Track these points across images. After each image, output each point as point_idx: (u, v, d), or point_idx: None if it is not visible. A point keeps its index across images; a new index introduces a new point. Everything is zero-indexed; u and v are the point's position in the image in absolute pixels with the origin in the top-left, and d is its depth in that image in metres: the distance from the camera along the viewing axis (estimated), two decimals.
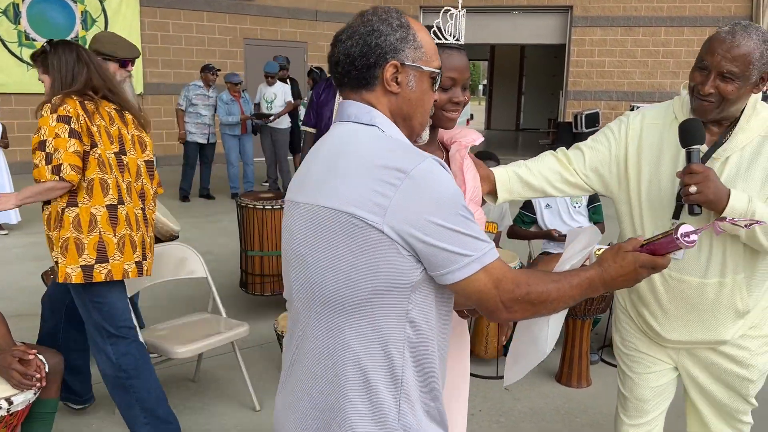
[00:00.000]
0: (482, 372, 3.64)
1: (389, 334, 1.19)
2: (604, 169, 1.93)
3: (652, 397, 2.03)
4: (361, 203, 1.14)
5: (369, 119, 1.25)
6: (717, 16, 12.79)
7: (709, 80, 1.67)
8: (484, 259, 1.17)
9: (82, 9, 10.49)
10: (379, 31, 1.24)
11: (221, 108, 8.36)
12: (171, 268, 3.28)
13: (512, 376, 1.58)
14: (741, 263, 1.81)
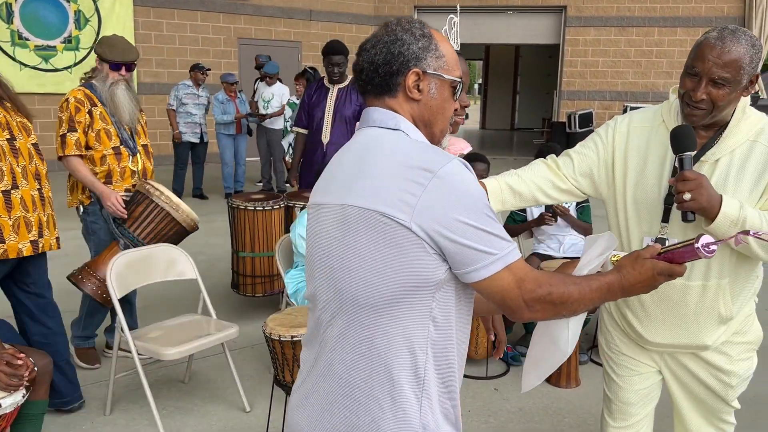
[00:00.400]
0: (472, 372, 3.65)
1: (414, 333, 1.22)
2: (594, 173, 1.95)
3: (637, 400, 2.05)
4: (389, 202, 1.17)
5: (394, 124, 1.29)
6: (710, 16, 12.84)
7: (701, 86, 1.68)
8: (508, 258, 1.20)
9: (75, 8, 10.47)
10: (402, 40, 1.29)
11: (217, 107, 8.37)
12: (161, 269, 3.28)
13: (532, 381, 1.58)
14: (726, 267, 1.82)
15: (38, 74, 10.29)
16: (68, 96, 3.41)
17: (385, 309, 1.21)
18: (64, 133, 3.38)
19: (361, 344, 1.24)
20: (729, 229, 1.67)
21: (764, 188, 1.75)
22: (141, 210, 3.41)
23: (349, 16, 13.53)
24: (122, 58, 3.45)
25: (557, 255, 4.03)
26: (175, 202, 3.44)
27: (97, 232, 3.51)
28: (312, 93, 4.51)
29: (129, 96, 3.51)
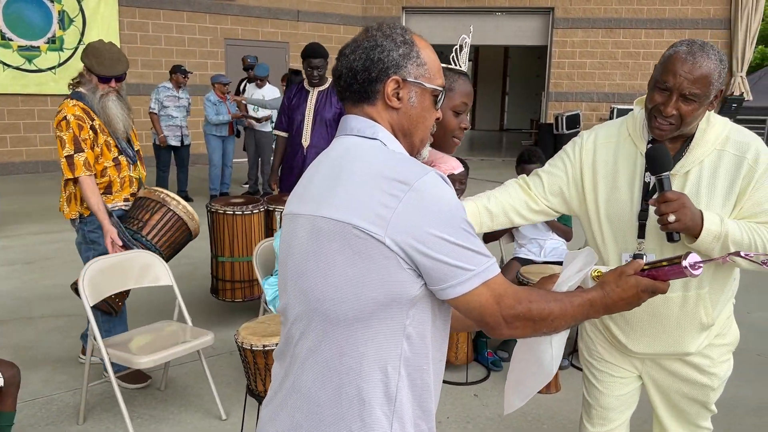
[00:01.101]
0: (452, 378, 3.63)
1: (386, 351, 1.18)
2: (565, 192, 1.95)
3: (617, 405, 2.05)
4: (363, 214, 1.13)
5: (372, 133, 1.25)
6: (696, 18, 12.90)
7: (672, 101, 1.66)
8: (486, 274, 1.16)
9: (59, 9, 10.36)
10: (382, 46, 1.25)
11: (210, 108, 8.31)
12: (135, 275, 3.22)
13: (515, 403, 1.53)
14: (705, 278, 1.82)
15: (21, 75, 10.18)
16: (66, 114, 3.23)
17: (357, 325, 1.17)
18: (70, 155, 3.22)
19: (330, 361, 1.20)
20: (712, 244, 1.67)
21: (737, 197, 1.74)
22: (158, 218, 3.39)
23: (336, 17, 13.49)
24: (110, 73, 3.29)
25: (538, 259, 4.01)
26: (190, 212, 3.50)
27: (96, 241, 3.37)
28: (292, 96, 4.47)
29: (121, 106, 3.38)
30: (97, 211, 3.25)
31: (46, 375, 3.54)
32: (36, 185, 9.52)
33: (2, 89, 9.98)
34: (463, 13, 13.85)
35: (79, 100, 3.31)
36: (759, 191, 1.72)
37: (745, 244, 1.68)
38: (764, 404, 3.44)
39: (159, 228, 3.38)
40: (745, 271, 1.84)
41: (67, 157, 3.23)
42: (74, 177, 3.23)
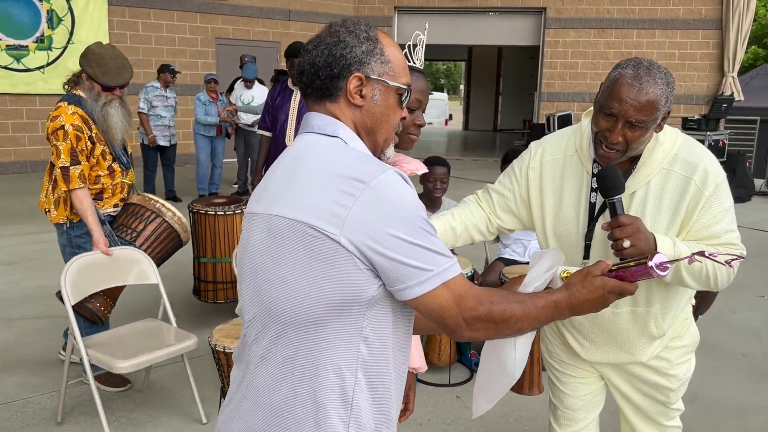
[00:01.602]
0: (434, 379, 3.61)
1: (342, 353, 1.16)
2: (514, 209, 1.93)
3: (581, 405, 2.04)
4: (318, 213, 1.10)
5: (332, 131, 1.22)
6: (688, 18, 12.92)
7: (617, 128, 1.60)
8: (445, 275, 1.14)
9: (47, 7, 10.30)
10: (345, 42, 1.22)
11: (199, 108, 8.28)
12: (121, 272, 3.16)
13: (482, 406, 1.51)
14: (655, 296, 1.80)
15: (10, 74, 10.11)
16: (63, 123, 3.09)
17: (312, 327, 1.15)
18: (66, 167, 3.10)
19: (284, 363, 1.17)
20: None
21: (683, 219, 1.70)
22: (153, 229, 3.34)
23: (328, 17, 13.45)
24: (116, 83, 3.17)
25: (522, 259, 3.99)
26: (184, 224, 3.44)
27: (82, 246, 3.29)
28: (276, 95, 4.44)
29: (122, 113, 3.26)
30: (91, 224, 3.15)
31: (22, 378, 3.50)
32: (24, 185, 9.45)
33: None
34: (455, 13, 13.84)
35: (77, 105, 3.16)
36: (707, 214, 1.68)
37: (697, 269, 1.65)
38: (747, 406, 3.43)
39: (153, 239, 3.33)
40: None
41: (62, 169, 3.11)
42: (68, 189, 3.13)
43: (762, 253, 6.66)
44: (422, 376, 3.65)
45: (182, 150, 11.05)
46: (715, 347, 4.19)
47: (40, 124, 10.62)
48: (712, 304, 3.91)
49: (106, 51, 3.17)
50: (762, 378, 3.76)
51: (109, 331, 3.18)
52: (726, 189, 1.71)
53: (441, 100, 26.77)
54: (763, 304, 5.08)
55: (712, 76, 13.04)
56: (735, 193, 9.60)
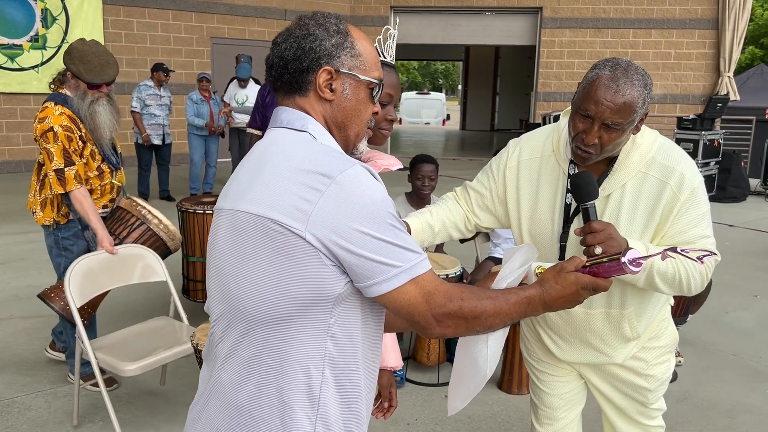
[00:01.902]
0: (423, 379, 3.58)
1: (308, 351, 1.14)
2: (491, 207, 1.92)
3: (561, 404, 2.03)
4: (283, 208, 1.08)
5: (301, 125, 1.20)
6: (684, 18, 12.91)
7: (593, 130, 1.58)
8: (414, 271, 1.11)
9: (42, 6, 10.27)
10: (314, 35, 1.20)
11: (189, 108, 8.25)
12: (126, 272, 3.06)
13: (456, 404, 1.48)
14: (629, 298, 1.78)
15: (4, 73, 10.08)
16: (52, 124, 3.00)
17: (278, 324, 1.12)
18: (60, 168, 3.01)
19: (249, 362, 1.15)
20: (638, 274, 1.61)
21: (657, 224, 1.68)
22: (136, 236, 3.21)
23: None
24: (100, 80, 3.07)
25: None
26: (172, 231, 3.29)
27: (69, 249, 3.23)
28: (266, 94, 4.42)
29: (111, 111, 3.16)
30: (95, 224, 3.07)
31: (9, 377, 3.47)
32: (17, 185, 9.41)
33: None
34: (452, 13, 13.83)
35: (64, 105, 3.08)
36: (682, 219, 1.66)
37: (670, 275, 1.63)
38: (738, 405, 3.41)
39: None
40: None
41: (56, 171, 3.01)
42: (65, 192, 3.04)
43: (756, 252, 6.65)
44: (411, 375, 3.63)
45: (177, 150, 11.04)
46: (707, 347, 4.18)
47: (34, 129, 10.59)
48: (703, 303, 3.90)
49: (90, 48, 3.10)
50: (753, 378, 3.74)
51: (119, 332, 3.08)
52: (702, 194, 1.68)
53: (438, 100, 26.76)
54: (756, 303, 5.07)
55: (708, 75, 13.03)
56: (730, 193, 9.60)
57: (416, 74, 52.05)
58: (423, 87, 50.19)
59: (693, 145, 9.23)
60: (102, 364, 2.78)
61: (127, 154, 11.00)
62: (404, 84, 50.28)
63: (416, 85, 50.78)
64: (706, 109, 9.23)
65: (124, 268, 3.07)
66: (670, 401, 3.40)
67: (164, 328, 3.12)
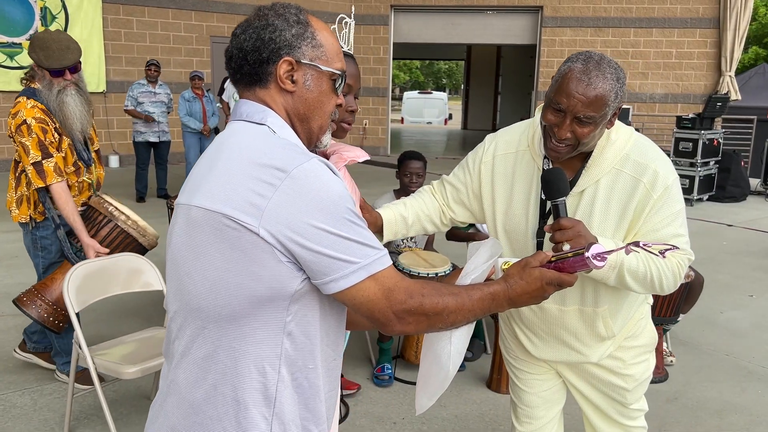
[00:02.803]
0: (412, 378, 3.57)
1: (263, 349, 1.12)
2: (465, 201, 1.92)
3: (540, 403, 2.01)
4: (236, 203, 1.06)
5: (260, 118, 1.18)
6: (685, 17, 12.85)
7: (566, 123, 1.56)
8: (373, 267, 1.10)
9: (41, 5, 10.28)
10: (273, 25, 1.18)
11: (182, 106, 8.23)
12: (122, 280, 3.02)
13: (423, 403, 1.46)
14: (603, 296, 1.76)
15: (3, 72, 10.11)
16: (24, 117, 2.94)
17: (231, 322, 1.11)
18: (38, 161, 2.96)
19: (204, 360, 1.14)
20: (607, 273, 1.60)
21: (631, 220, 1.66)
22: (104, 234, 3.10)
23: (325, 15, 13.41)
24: (60, 64, 2.98)
25: None
26: (142, 227, 3.16)
27: (47, 248, 3.18)
28: None
29: (81, 101, 3.08)
30: (76, 226, 3.02)
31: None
32: None
33: None
34: (452, 12, 13.80)
35: (35, 98, 3.03)
36: (655, 217, 1.64)
37: (641, 273, 1.61)
38: (728, 405, 3.38)
39: (105, 245, 3.11)
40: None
41: (34, 164, 2.97)
42: (46, 185, 2.99)
43: (754, 252, 6.61)
44: (399, 374, 3.61)
45: (176, 148, 11.03)
46: (699, 347, 4.15)
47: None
48: (695, 303, 3.88)
49: (50, 35, 3.04)
50: (745, 378, 3.71)
51: (115, 340, 3.06)
52: (677, 192, 1.66)
53: (440, 100, 26.73)
54: (752, 303, 5.03)
55: (710, 75, 12.97)
56: (729, 192, 9.55)
57: (419, 73, 51.99)
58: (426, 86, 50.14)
59: (692, 145, 9.18)
60: (101, 369, 2.76)
61: (126, 152, 11.03)
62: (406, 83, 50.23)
63: (419, 85, 50.73)
64: (706, 109, 9.18)
65: (120, 276, 3.02)
66: (659, 401, 3.38)
67: (160, 337, 3.09)
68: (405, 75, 49.78)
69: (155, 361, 2.79)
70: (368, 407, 3.27)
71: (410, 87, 48.68)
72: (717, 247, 6.77)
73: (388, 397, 3.38)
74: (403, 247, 3.74)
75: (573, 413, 3.10)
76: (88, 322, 4.01)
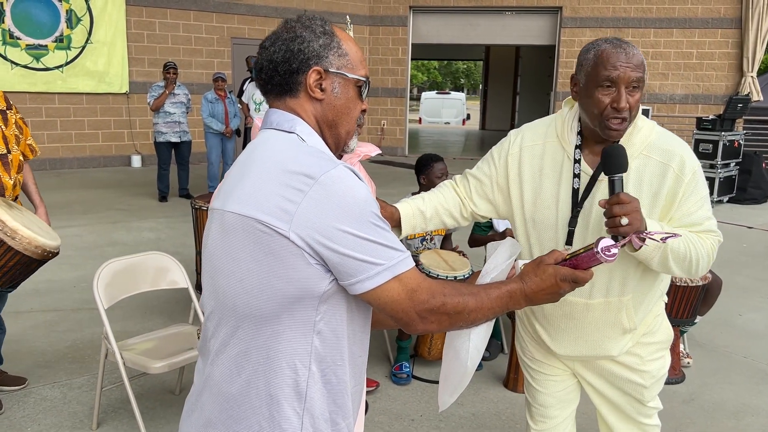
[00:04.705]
0: (430, 376, 3.62)
1: (294, 347, 1.17)
2: (489, 195, 1.94)
3: (554, 402, 2.05)
4: (267, 209, 1.12)
5: (289, 126, 1.24)
6: (706, 17, 12.74)
7: (621, 94, 1.62)
8: (397, 269, 1.15)
9: (67, 8, 10.49)
10: (302, 37, 1.24)
11: (204, 107, 8.36)
12: (150, 277, 3.13)
13: (446, 399, 1.51)
14: (629, 285, 1.79)
15: (29, 73, 10.31)
16: None
17: (265, 321, 1.17)
18: None
19: (239, 357, 1.20)
20: (653, 253, 1.64)
21: (663, 206, 1.71)
22: None
23: (343, 17, 13.49)
24: None
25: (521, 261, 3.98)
26: (11, 228, 2.70)
27: None
28: None
29: None
30: None
31: (27, 368, 3.58)
32: (42, 182, 9.60)
33: (10, 87, 10.12)
34: (471, 13, 13.80)
35: None
36: (688, 201, 1.69)
37: (682, 254, 1.65)
38: (745, 407, 3.39)
39: None
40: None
41: None
42: None
43: None
44: (415, 371, 3.67)
45: (198, 148, 11.18)
46: (717, 348, 4.16)
47: (59, 122, 10.82)
48: (712, 305, 3.89)
49: None
50: (762, 380, 3.71)
51: (142, 336, 3.16)
52: (702, 177, 1.73)
53: (459, 100, 26.70)
54: None
55: (731, 75, 12.85)
56: (750, 194, 9.47)
57: (437, 73, 51.93)
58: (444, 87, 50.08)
59: (712, 146, 9.12)
60: (129, 364, 2.85)
61: (147, 153, 11.20)
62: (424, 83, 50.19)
63: (437, 85, 50.68)
64: (726, 110, 9.11)
65: (150, 273, 3.12)
66: (676, 402, 3.40)
67: (186, 333, 3.18)
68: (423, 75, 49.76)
69: (181, 357, 2.87)
70: (387, 404, 3.34)
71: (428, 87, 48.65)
72: (737, 250, 6.74)
73: (406, 394, 3.44)
74: (421, 249, 3.80)
75: (589, 413, 3.14)
76: (115, 319, 4.12)
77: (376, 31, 14.09)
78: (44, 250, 2.82)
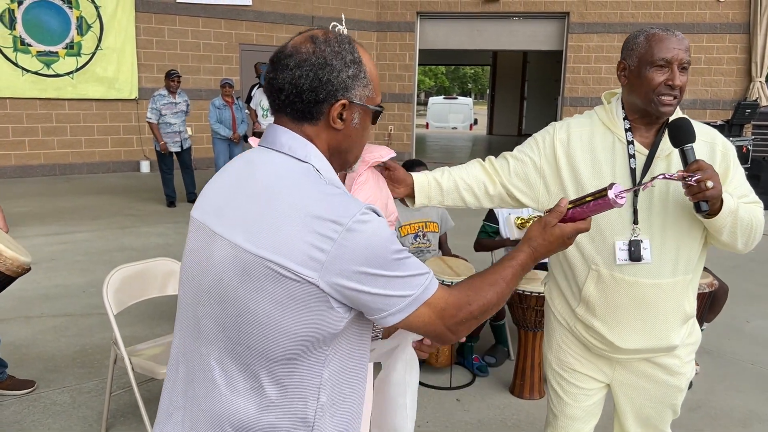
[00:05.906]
0: (435, 382, 3.63)
1: (305, 380, 1.17)
2: (530, 178, 1.93)
3: (582, 416, 2.04)
4: (296, 257, 1.09)
5: (304, 155, 1.20)
6: (714, 22, 12.72)
7: (675, 72, 1.71)
8: (424, 296, 1.17)
9: (77, 14, 10.59)
10: (332, 66, 1.19)
11: (212, 113, 8.41)
12: (158, 283, 3.15)
13: None
14: (692, 263, 1.83)
15: (40, 79, 10.41)
16: None
17: (278, 359, 1.15)
18: None
19: (248, 391, 1.18)
20: (726, 219, 1.68)
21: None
22: None
23: (351, 23, 13.55)
24: None
25: None
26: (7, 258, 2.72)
27: None
28: None
29: None
30: None
31: (36, 373, 3.62)
32: (52, 188, 9.72)
33: (21, 93, 10.22)
34: (478, 18, 13.83)
35: None
36: (736, 175, 1.80)
37: (746, 222, 1.72)
38: (753, 415, 3.38)
39: None
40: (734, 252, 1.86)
41: None
42: None
43: None
44: (422, 378, 3.68)
45: (205, 154, 11.26)
46: (724, 355, 4.14)
47: (69, 128, 10.91)
48: (719, 312, 3.88)
49: None
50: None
51: (151, 341, 3.19)
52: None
53: (466, 105, 26.71)
54: None
55: (740, 81, 12.81)
56: None
57: (444, 79, 51.97)
58: (451, 91, 50.09)
59: None
60: (138, 369, 2.88)
61: (151, 159, 11.26)
62: (432, 88, 50.23)
63: (444, 90, 50.71)
64: (734, 115, 9.09)
65: (158, 279, 3.15)
66: (682, 409, 3.36)
67: None
68: (430, 80, 49.81)
69: None
70: None
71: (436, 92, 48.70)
72: (745, 256, 6.71)
73: None
74: (415, 244, 3.87)
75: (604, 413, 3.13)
76: (123, 324, 4.15)
77: (383, 36, 14.13)
78: (23, 269, 2.82)
